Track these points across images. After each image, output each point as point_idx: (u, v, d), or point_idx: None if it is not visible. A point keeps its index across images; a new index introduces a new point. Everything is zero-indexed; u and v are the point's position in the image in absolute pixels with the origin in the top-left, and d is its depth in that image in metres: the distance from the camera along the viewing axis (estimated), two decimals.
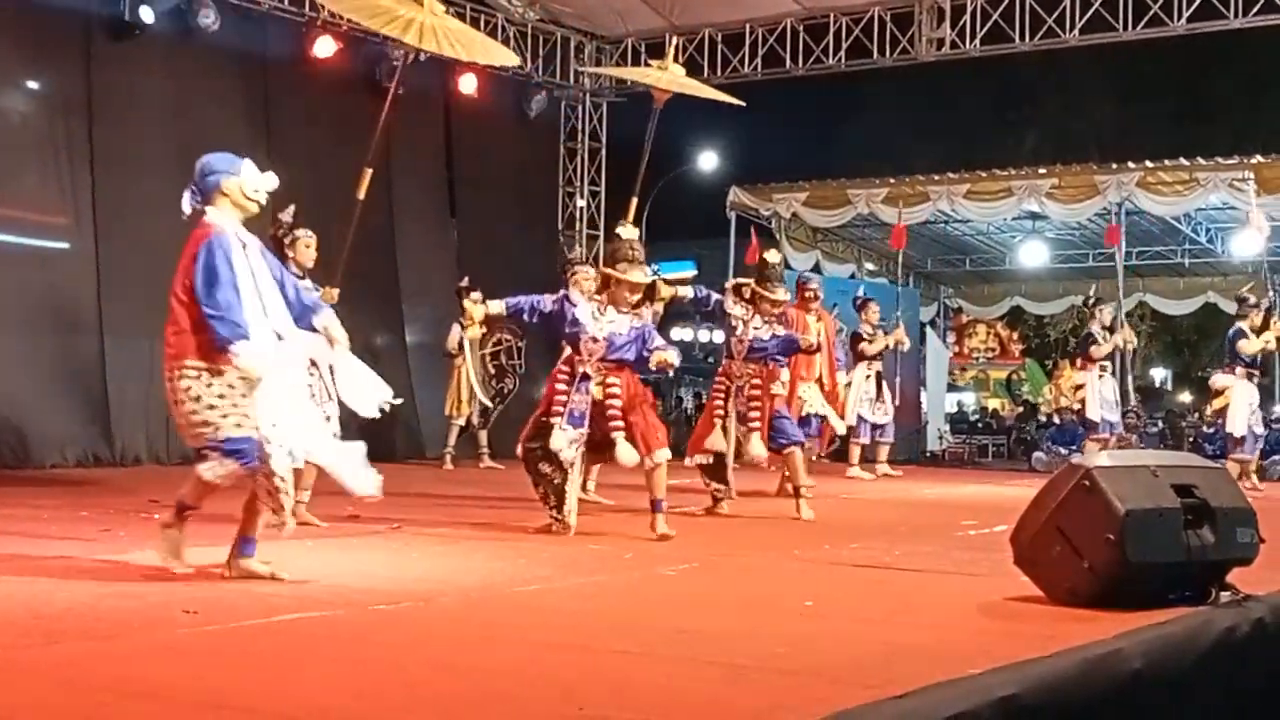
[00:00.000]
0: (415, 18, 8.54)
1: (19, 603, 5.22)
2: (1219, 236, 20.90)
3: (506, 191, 17.98)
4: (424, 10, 8.61)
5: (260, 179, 6.15)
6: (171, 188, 13.21)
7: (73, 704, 3.61)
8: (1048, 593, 5.54)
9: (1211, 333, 34.91)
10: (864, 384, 14.52)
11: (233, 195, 6.08)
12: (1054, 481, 5.67)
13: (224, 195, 6.08)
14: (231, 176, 6.10)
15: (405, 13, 8.57)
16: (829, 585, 6.35)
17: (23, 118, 13.47)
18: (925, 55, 17.45)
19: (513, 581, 6.20)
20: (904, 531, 8.80)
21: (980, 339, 27.76)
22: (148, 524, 8.08)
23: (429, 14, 8.61)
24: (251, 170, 6.15)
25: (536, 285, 18.50)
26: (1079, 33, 16.37)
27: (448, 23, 8.89)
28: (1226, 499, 5.60)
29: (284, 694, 3.77)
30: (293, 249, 8.55)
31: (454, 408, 14.33)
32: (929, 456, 19.83)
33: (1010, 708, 3.63)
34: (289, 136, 15.04)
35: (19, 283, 12.96)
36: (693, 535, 8.34)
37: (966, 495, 12.71)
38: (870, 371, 14.62)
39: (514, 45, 17.92)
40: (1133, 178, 17.16)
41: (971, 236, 22.15)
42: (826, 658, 4.46)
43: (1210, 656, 4.75)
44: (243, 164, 6.16)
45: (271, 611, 5.12)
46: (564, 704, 3.67)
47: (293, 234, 8.61)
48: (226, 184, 6.08)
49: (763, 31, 18.07)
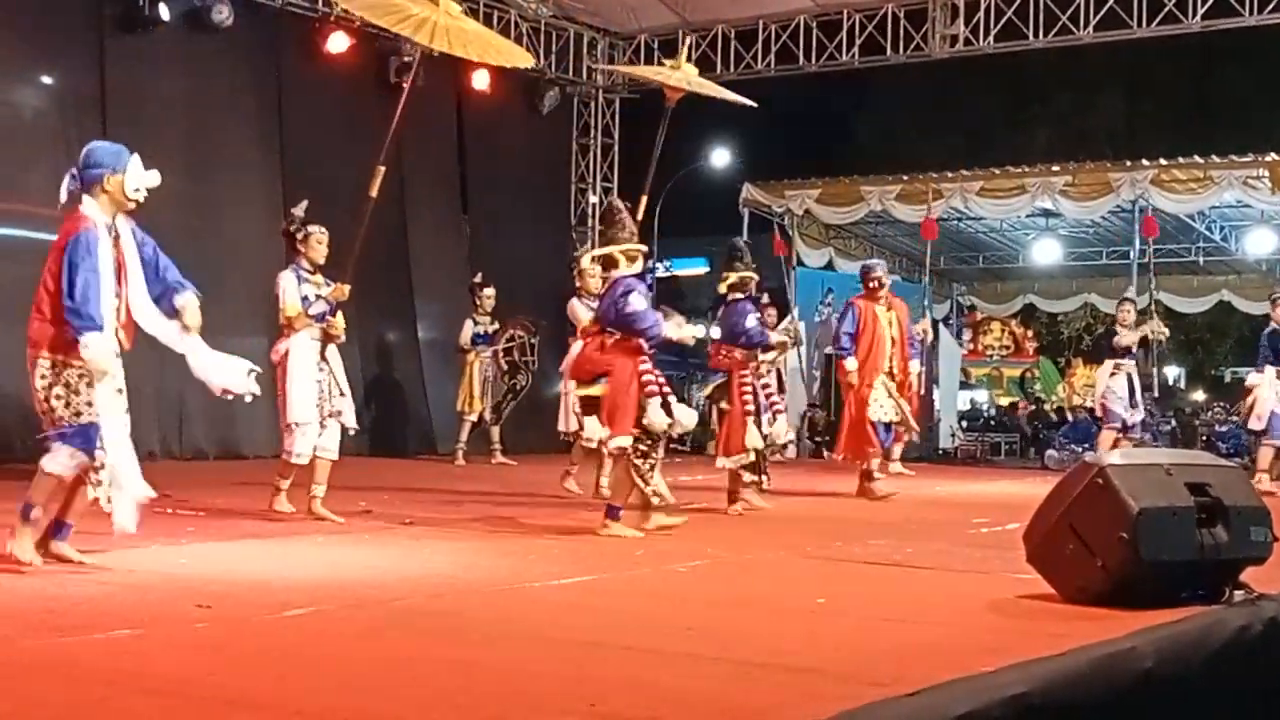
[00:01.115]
0: (429, 17, 8.44)
1: (29, 596, 5.23)
2: (1233, 234, 20.83)
3: (519, 188, 17.99)
4: (438, 10, 8.53)
5: (144, 178, 6.09)
6: (185, 183, 13.39)
7: (82, 698, 3.61)
8: (1060, 591, 5.52)
9: (1225, 331, 34.85)
10: None
11: (113, 192, 6.05)
12: (1067, 479, 5.65)
13: (105, 191, 6.05)
14: (115, 173, 6.06)
15: (419, 11, 8.49)
16: (840, 583, 6.33)
17: (36, 113, 13.50)
18: (939, 52, 17.43)
19: (524, 577, 6.20)
20: (915, 529, 8.78)
21: (994, 336, 27.67)
22: (159, 517, 8.11)
23: (443, 14, 8.53)
24: (136, 169, 6.09)
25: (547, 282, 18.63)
26: (1093, 30, 16.32)
27: (463, 23, 8.83)
28: (1240, 498, 5.57)
29: (294, 689, 3.76)
30: (304, 245, 8.55)
31: (466, 403, 14.36)
32: (941, 454, 19.79)
33: (1021, 706, 3.62)
34: (302, 132, 15.07)
35: (32, 277, 12.94)
36: (704, 533, 8.33)
37: (978, 493, 12.68)
38: None
39: (527, 42, 17.92)
40: (1147, 175, 17.10)
41: (984, 234, 22.09)
42: (837, 655, 4.44)
43: (1223, 656, 4.73)
44: (129, 160, 6.10)
45: (283, 607, 5.12)
46: (574, 700, 3.66)
47: (305, 230, 8.58)
48: (109, 180, 6.05)
49: (776, 28, 18.04)
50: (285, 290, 8.40)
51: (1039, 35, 16.58)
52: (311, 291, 8.39)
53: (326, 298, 8.39)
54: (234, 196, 14.70)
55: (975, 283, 24.85)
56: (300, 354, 8.34)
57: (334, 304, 8.42)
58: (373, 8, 8.92)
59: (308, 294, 8.38)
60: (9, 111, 13.30)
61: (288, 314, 8.39)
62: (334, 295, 8.40)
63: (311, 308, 8.35)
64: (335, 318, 8.46)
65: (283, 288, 8.42)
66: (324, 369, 8.42)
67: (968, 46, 17.19)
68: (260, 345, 14.69)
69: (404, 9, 8.51)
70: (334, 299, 8.41)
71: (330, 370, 8.45)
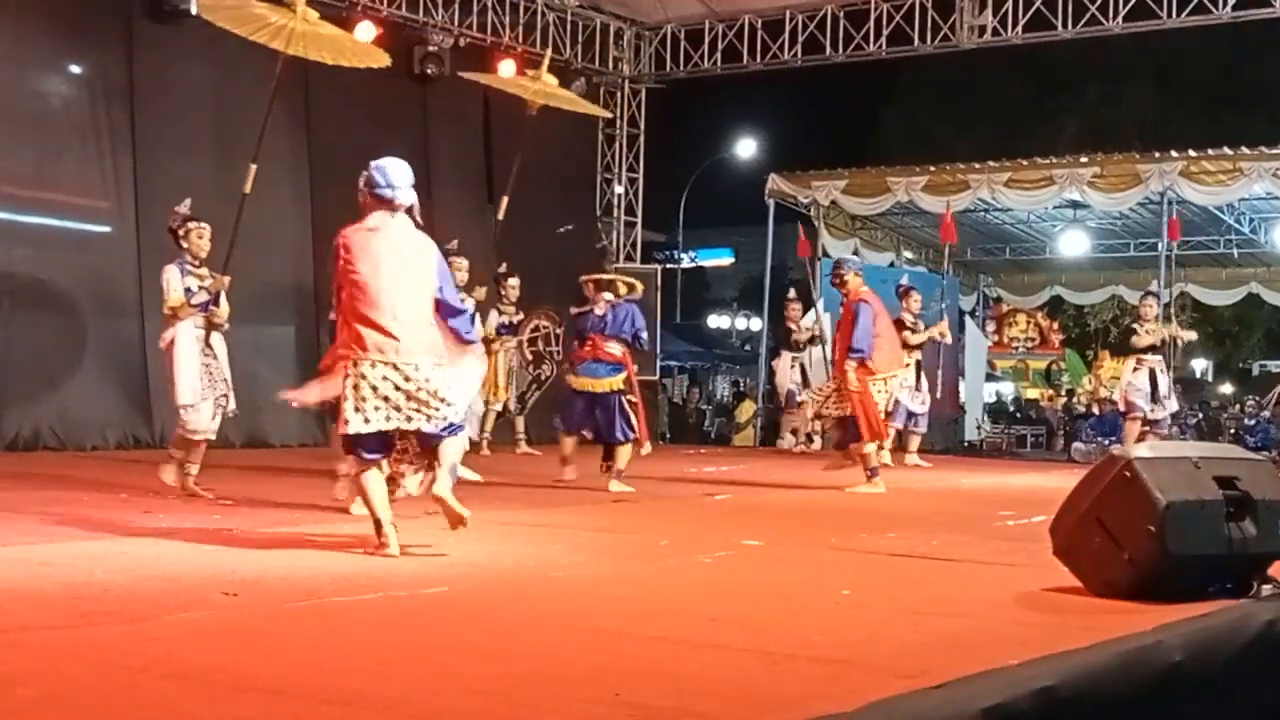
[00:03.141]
0: (287, 24, 9.00)
1: (58, 583, 5.26)
2: (1262, 226, 20.72)
3: (545, 179, 17.96)
4: (296, 17, 9.06)
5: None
6: (212, 171, 13.43)
7: (109, 685, 3.63)
8: (1086, 584, 5.50)
9: (1253, 323, 34.67)
10: (903, 373, 14.35)
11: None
12: (1094, 472, 5.62)
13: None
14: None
15: (277, 20, 9.02)
16: (865, 574, 6.32)
17: (65, 102, 13.57)
18: (966, 43, 17.36)
19: (548, 566, 6.21)
20: (941, 521, 8.76)
21: (1020, 328, 27.56)
22: (187, 506, 8.16)
23: (300, 20, 9.06)
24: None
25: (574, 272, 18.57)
26: (1122, 20, 16.24)
27: (319, 29, 9.30)
28: (1269, 492, 5.54)
29: (318, 677, 3.77)
30: (187, 239, 9.07)
31: (491, 393, 14.37)
32: (967, 446, 19.75)
33: (1048, 699, 3.60)
34: (328, 121, 15.10)
35: (61, 266, 13.08)
36: (729, 524, 8.32)
37: (1004, 485, 12.64)
38: (910, 360, 14.45)
39: (553, 32, 17.94)
40: (1175, 167, 17.00)
41: (1012, 225, 22.02)
42: (862, 647, 4.44)
43: (1251, 649, 4.70)
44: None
45: (308, 595, 5.14)
46: (598, 689, 3.66)
47: (186, 225, 9.08)
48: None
49: (803, 18, 18.00)
50: (169, 282, 8.94)
51: (1067, 26, 16.51)
52: (195, 283, 8.94)
53: (208, 289, 8.97)
54: (261, 185, 14.67)
55: (1002, 274, 24.80)
56: (185, 341, 8.90)
57: (215, 294, 8.98)
58: (233, 18, 9.31)
59: (191, 285, 8.92)
60: (38, 101, 13.38)
61: (172, 304, 8.92)
62: (214, 287, 8.99)
63: (194, 298, 8.90)
64: (219, 307, 9.02)
65: (167, 280, 8.96)
66: (209, 354, 8.98)
67: (996, 37, 17.12)
68: (287, 334, 14.86)
69: (263, 18, 9.05)
70: (215, 290, 8.99)
71: (214, 356, 9.02)
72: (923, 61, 22.46)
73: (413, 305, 6.26)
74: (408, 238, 6.37)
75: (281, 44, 8.96)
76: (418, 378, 6.19)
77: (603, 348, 10.29)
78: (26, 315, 12.81)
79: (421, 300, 6.30)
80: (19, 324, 12.77)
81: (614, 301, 10.55)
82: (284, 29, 8.97)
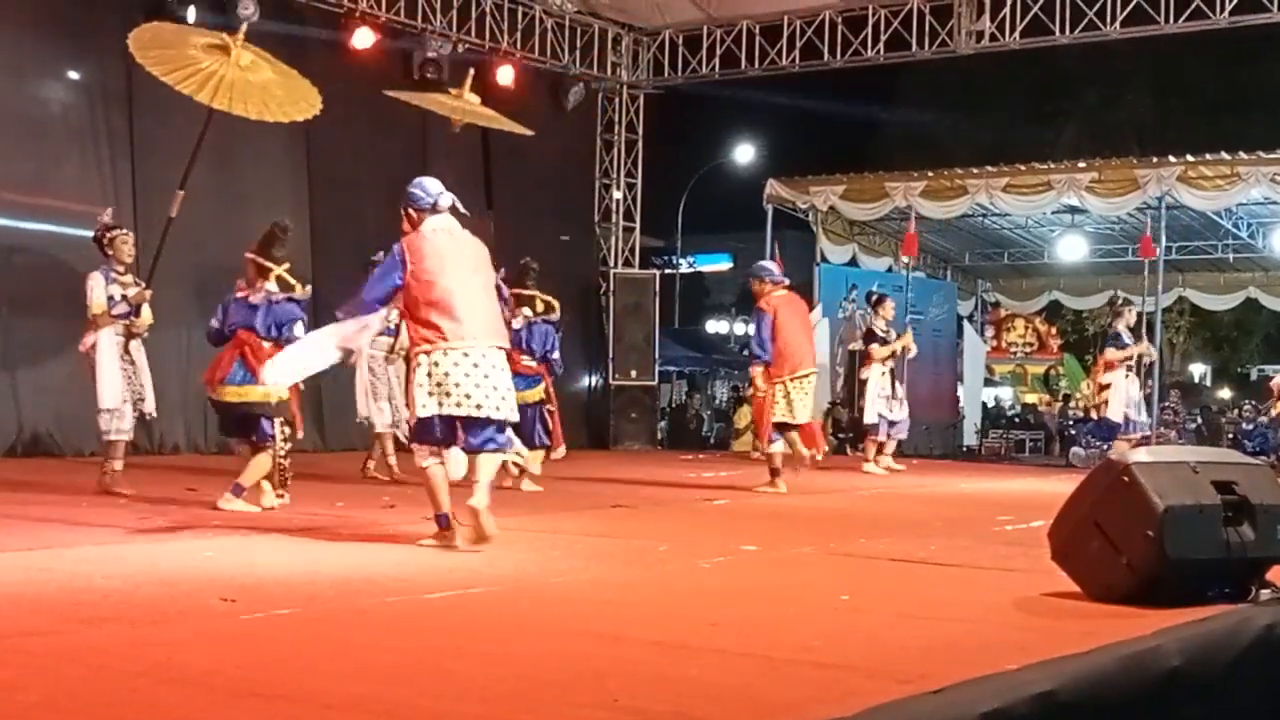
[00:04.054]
0: (215, 71, 9.04)
1: (57, 588, 5.26)
2: (1260, 231, 20.72)
3: (543, 184, 17.99)
4: (229, 62, 9.11)
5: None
6: (211, 178, 13.43)
7: (108, 690, 3.63)
8: (1085, 589, 5.50)
9: (1251, 328, 34.69)
10: (880, 381, 14.27)
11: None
12: (1092, 477, 5.64)
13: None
14: None
15: (208, 65, 9.06)
16: (864, 579, 6.33)
17: (64, 107, 13.57)
18: (964, 48, 17.38)
19: (547, 572, 6.22)
20: (940, 526, 8.77)
21: (1018, 333, 27.57)
22: (185, 512, 8.16)
23: (233, 66, 9.11)
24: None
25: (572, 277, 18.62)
26: (1120, 25, 16.25)
27: (250, 74, 9.25)
28: (1267, 496, 5.54)
29: (318, 682, 3.78)
30: (111, 247, 9.34)
31: None
32: (965, 451, 19.75)
33: (1047, 704, 3.61)
34: (327, 127, 15.06)
35: (59, 271, 13.04)
36: (727, 529, 8.33)
37: (1003, 490, 12.65)
38: (885, 369, 14.36)
39: (551, 37, 17.95)
40: (1173, 172, 16.99)
41: (1010, 230, 22.02)
42: (861, 652, 4.44)
43: (1250, 654, 4.71)
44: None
45: (308, 600, 5.14)
46: (598, 694, 3.67)
47: (110, 234, 9.37)
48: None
49: (801, 24, 18.01)
50: (93, 290, 9.21)
51: (1065, 31, 16.53)
52: (118, 291, 9.23)
53: (130, 299, 9.24)
54: (260, 190, 14.76)
55: (1000, 279, 24.78)
56: (106, 347, 9.18)
57: (136, 305, 9.27)
58: (164, 59, 9.28)
59: (114, 294, 9.22)
60: (37, 106, 13.38)
61: (94, 311, 9.19)
62: (135, 299, 9.27)
63: (115, 308, 9.20)
64: (140, 317, 9.32)
65: (90, 287, 9.22)
66: (127, 360, 9.27)
67: (994, 42, 17.14)
68: None
69: (195, 62, 9.07)
70: (136, 302, 9.27)
71: (134, 362, 9.32)
72: (921, 67, 22.48)
73: (479, 295, 6.91)
74: (464, 237, 7.07)
75: (208, 96, 9.01)
76: (485, 365, 6.74)
77: (519, 361, 10.24)
78: (26, 321, 12.81)
79: (488, 290, 7.06)
80: (18, 329, 12.77)
81: (530, 319, 10.70)
82: (213, 76, 9.01)
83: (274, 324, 8.36)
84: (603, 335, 18.60)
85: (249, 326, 8.36)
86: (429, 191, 7.02)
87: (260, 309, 8.38)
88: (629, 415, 18.32)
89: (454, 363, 6.66)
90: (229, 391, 8.37)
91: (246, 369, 8.28)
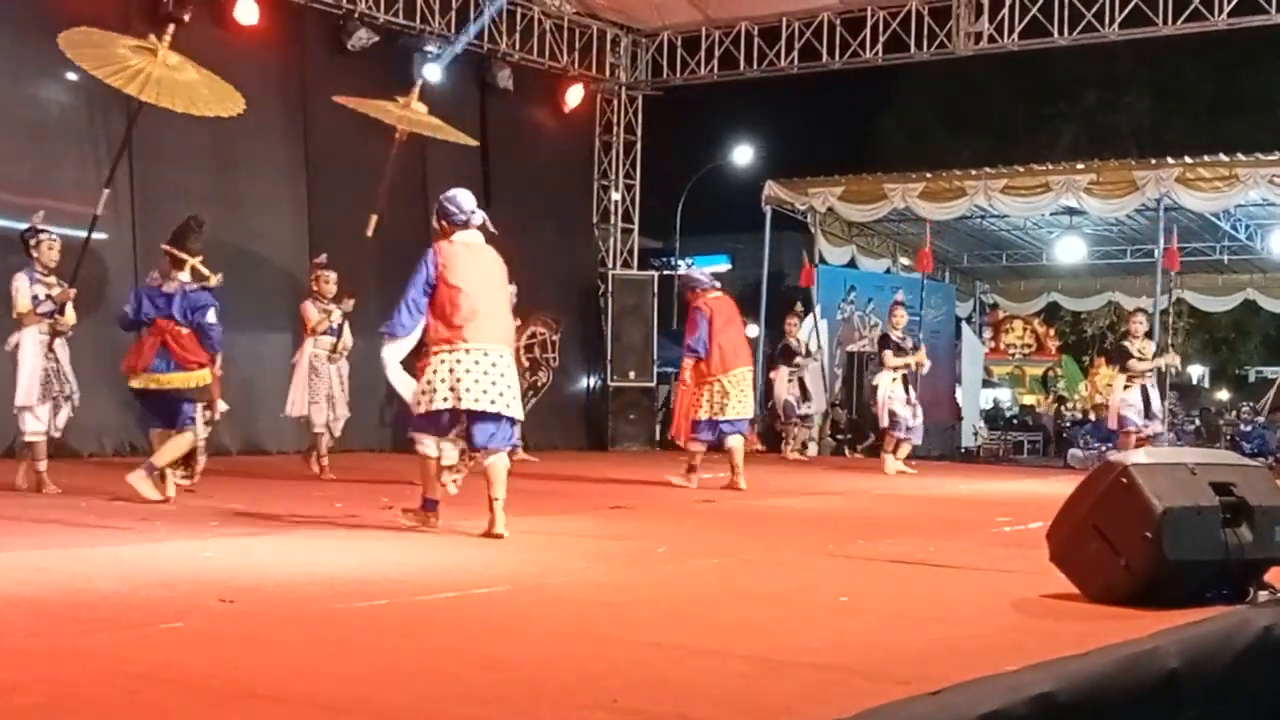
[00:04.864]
0: (144, 69, 9.24)
1: (56, 590, 5.26)
2: (1259, 233, 20.73)
3: (542, 185, 17.99)
4: (156, 61, 9.31)
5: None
6: (210, 179, 13.40)
7: (108, 691, 3.62)
8: (1083, 590, 5.51)
9: (1249, 330, 34.69)
10: (890, 386, 14.28)
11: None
12: (1091, 478, 5.64)
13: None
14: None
15: (136, 63, 9.28)
16: (863, 581, 6.33)
17: (62, 109, 13.56)
18: (963, 49, 17.39)
19: (545, 573, 6.22)
20: (938, 527, 8.77)
21: (1017, 335, 27.56)
22: (182, 513, 8.16)
23: (160, 65, 9.31)
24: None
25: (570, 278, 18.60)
26: (1119, 27, 16.25)
27: (177, 74, 9.46)
28: (1265, 498, 5.55)
29: (317, 684, 3.78)
30: (37, 249, 9.49)
31: None
32: (964, 452, 19.75)
33: (1045, 706, 3.61)
34: (325, 128, 15.09)
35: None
36: (726, 530, 8.33)
37: (1001, 492, 12.65)
38: (896, 376, 14.37)
39: (550, 39, 17.95)
40: (1172, 173, 16.99)
41: (1008, 232, 22.02)
42: (860, 653, 4.44)
43: (1248, 656, 4.71)
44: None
45: (305, 602, 5.14)
46: (597, 695, 3.67)
47: (37, 236, 9.51)
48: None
49: (799, 25, 18.01)
50: (18, 290, 9.35)
51: (1064, 32, 16.53)
52: (42, 291, 9.36)
53: (55, 298, 9.35)
54: (259, 192, 14.76)
55: (999, 281, 24.80)
56: (29, 346, 9.33)
57: (61, 304, 9.38)
58: (93, 57, 9.55)
59: (39, 294, 9.35)
60: (37, 109, 13.38)
61: (19, 311, 9.33)
62: (60, 298, 9.37)
63: (40, 306, 9.32)
64: (64, 316, 9.42)
65: (16, 287, 9.36)
66: (51, 358, 9.39)
67: (992, 44, 17.14)
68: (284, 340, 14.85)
69: (123, 59, 9.32)
70: (61, 300, 9.37)
71: (58, 360, 9.44)
72: (919, 68, 22.47)
73: (499, 306, 7.69)
74: (488, 253, 7.72)
75: (136, 89, 9.23)
76: (501, 365, 7.45)
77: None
78: None
79: (504, 300, 7.84)
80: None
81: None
82: (140, 73, 9.23)
83: (189, 309, 8.93)
84: (601, 336, 18.59)
85: (167, 315, 8.94)
86: (463, 208, 7.65)
87: (175, 297, 8.96)
88: (627, 416, 18.32)
89: (475, 361, 7.35)
90: (151, 379, 8.94)
91: (169, 356, 8.89)
